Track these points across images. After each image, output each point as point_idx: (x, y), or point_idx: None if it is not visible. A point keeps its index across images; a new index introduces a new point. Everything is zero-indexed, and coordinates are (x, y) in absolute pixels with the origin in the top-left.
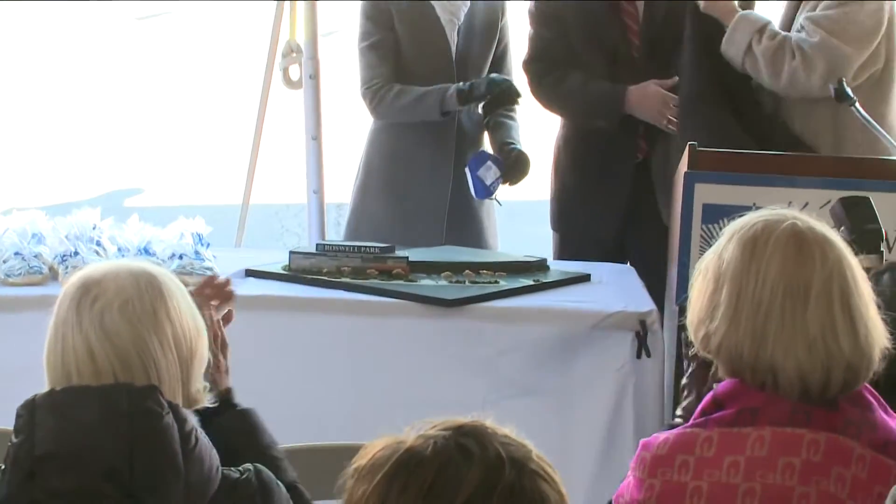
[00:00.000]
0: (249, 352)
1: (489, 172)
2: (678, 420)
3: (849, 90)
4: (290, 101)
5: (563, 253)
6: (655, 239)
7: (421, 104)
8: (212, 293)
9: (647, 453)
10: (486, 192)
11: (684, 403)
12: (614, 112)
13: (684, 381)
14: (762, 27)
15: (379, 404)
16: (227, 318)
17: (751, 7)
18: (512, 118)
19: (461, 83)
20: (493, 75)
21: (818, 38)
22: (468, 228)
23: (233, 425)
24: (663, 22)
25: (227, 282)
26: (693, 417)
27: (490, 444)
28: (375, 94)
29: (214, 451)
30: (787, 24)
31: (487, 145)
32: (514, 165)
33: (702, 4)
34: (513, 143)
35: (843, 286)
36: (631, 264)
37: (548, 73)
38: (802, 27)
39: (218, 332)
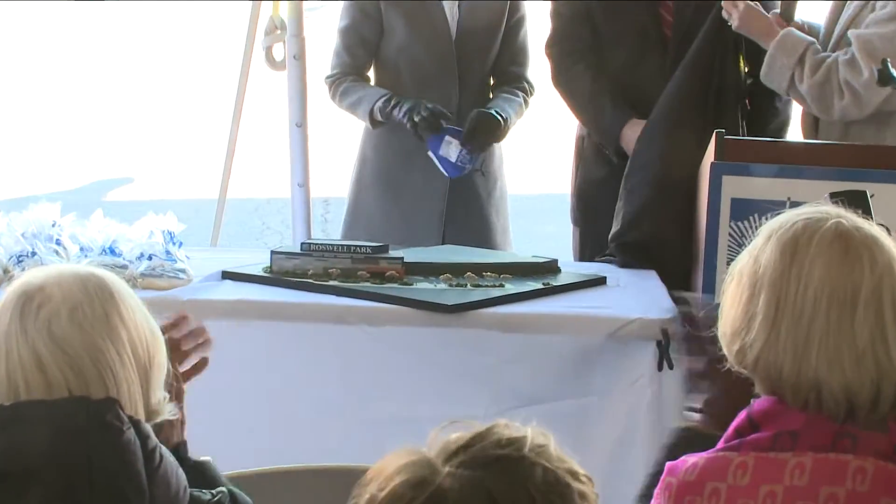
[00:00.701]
0: (225, 366)
1: (450, 147)
2: (691, 415)
3: (893, 71)
4: (273, 84)
5: (584, 250)
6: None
7: (357, 110)
8: (181, 340)
9: (673, 479)
10: (456, 168)
11: (707, 396)
12: (612, 144)
13: (701, 365)
14: (802, 55)
15: (372, 421)
16: (199, 366)
17: (792, 10)
18: (514, 93)
19: (386, 95)
20: (417, 101)
21: (868, 75)
22: (471, 226)
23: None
24: (695, 13)
25: (203, 331)
26: (725, 438)
27: (530, 486)
28: (331, 86)
29: (181, 470)
30: (832, 24)
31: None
32: (472, 130)
33: (734, 24)
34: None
35: (895, 292)
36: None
37: (564, 65)
38: (849, 49)
39: (174, 383)
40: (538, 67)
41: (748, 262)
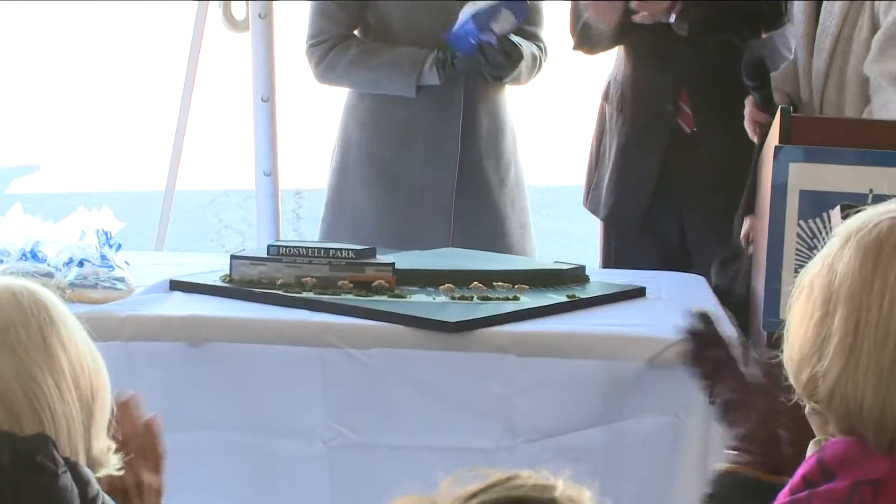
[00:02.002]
0: (175, 399)
1: (501, 17)
2: (733, 455)
3: None
4: (234, 49)
5: (609, 253)
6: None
7: (388, 76)
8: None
9: None
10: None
11: (740, 429)
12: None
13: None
14: None
15: (358, 464)
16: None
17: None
18: (529, 45)
19: (439, 52)
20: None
21: None
22: (480, 221)
23: None
24: None
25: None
26: (790, 488)
27: None
28: (324, 56)
29: None
30: (811, 25)
31: (506, 107)
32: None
33: None
34: None
35: None
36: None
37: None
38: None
39: (152, 445)
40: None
41: (821, 271)
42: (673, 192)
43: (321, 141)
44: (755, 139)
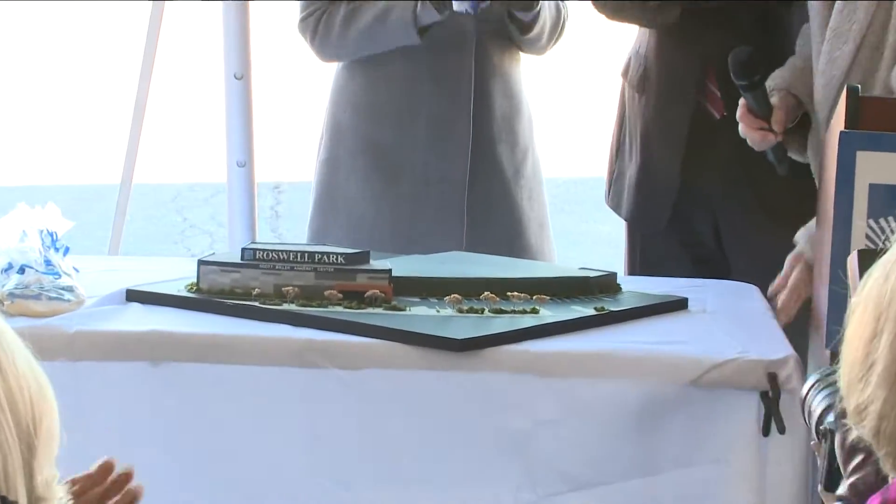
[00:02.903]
0: (133, 426)
1: None
2: None
3: None
4: (202, 18)
5: (635, 257)
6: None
7: (383, 25)
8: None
9: None
10: None
11: (851, 479)
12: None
13: (852, 437)
14: None
15: None
16: None
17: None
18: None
19: None
20: None
21: None
22: (497, 220)
23: None
24: None
25: (128, 476)
26: None
27: None
28: (317, 27)
29: None
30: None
31: (522, 84)
32: None
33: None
34: None
35: None
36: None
37: None
38: None
39: None
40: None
41: (877, 279)
42: (704, 187)
43: (306, 126)
44: (756, 146)
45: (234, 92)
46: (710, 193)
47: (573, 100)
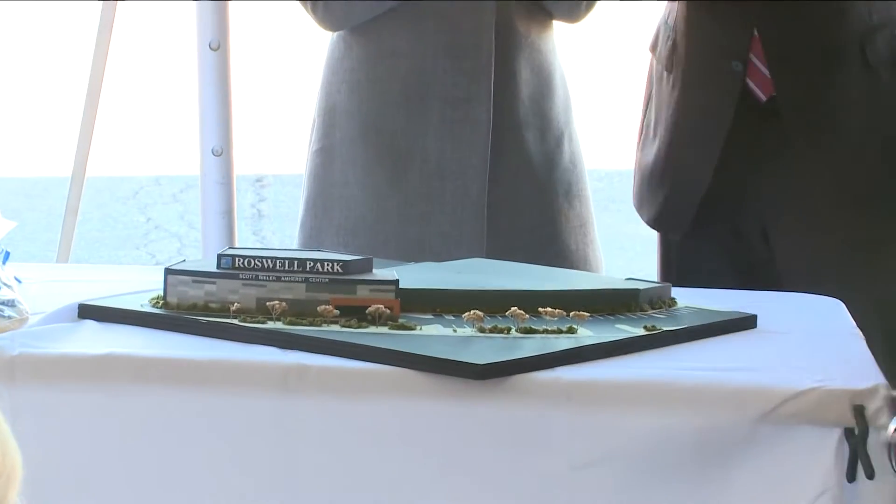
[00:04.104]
0: (87, 466)
1: None
2: None
3: None
4: None
5: (670, 266)
6: None
7: None
8: None
9: None
10: None
11: None
12: None
13: None
14: None
15: None
16: None
17: None
18: None
19: None
20: None
21: None
22: (525, 221)
23: None
24: None
25: None
26: None
27: None
28: None
29: None
30: None
31: (554, 56)
32: None
33: None
34: None
35: None
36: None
37: None
38: None
39: None
40: None
41: None
42: (749, 183)
43: (295, 108)
44: None
45: (209, 65)
46: (756, 192)
47: (617, 76)
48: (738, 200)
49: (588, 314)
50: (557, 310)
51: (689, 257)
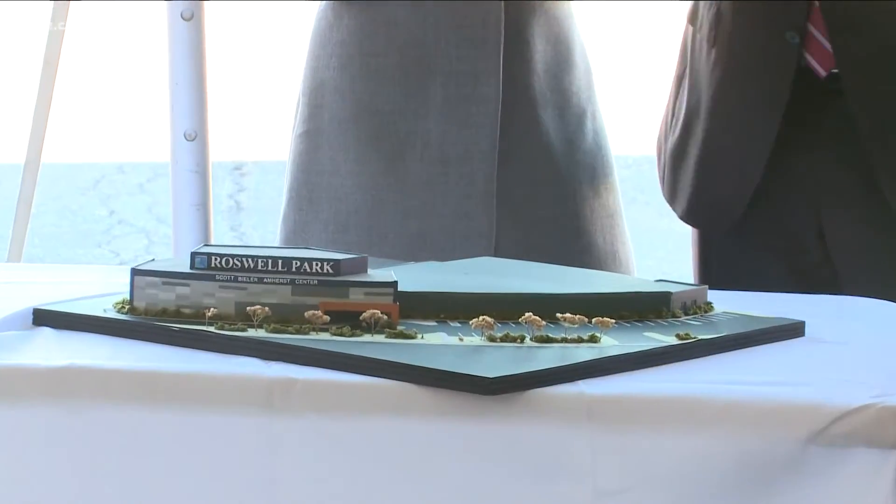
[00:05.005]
0: (43, 492)
1: None
2: None
3: None
4: None
5: (709, 265)
6: None
7: None
8: None
9: None
10: None
11: None
12: None
13: None
14: None
15: None
16: None
17: None
18: None
19: None
20: None
21: None
22: (542, 213)
23: None
24: None
25: None
26: None
27: None
28: None
29: None
30: None
31: (572, 23)
32: None
33: None
34: None
35: None
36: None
37: None
38: None
39: None
40: None
41: None
42: (803, 173)
43: (277, 87)
44: None
45: (181, 37)
46: (812, 182)
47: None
48: (788, 191)
49: (613, 321)
50: (578, 316)
51: (729, 256)
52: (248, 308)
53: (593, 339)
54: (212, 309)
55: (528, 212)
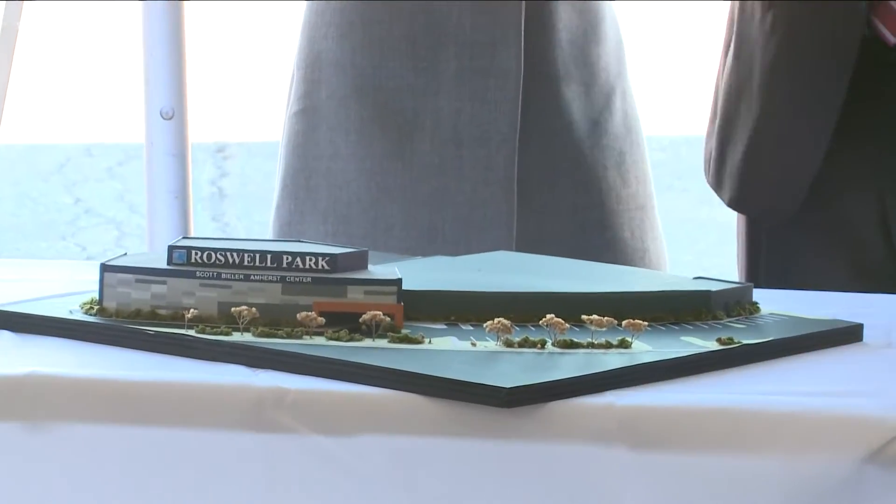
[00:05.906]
0: None
1: None
2: None
3: None
4: None
5: (758, 260)
6: None
7: None
8: None
9: None
10: None
11: None
12: None
13: None
14: None
15: None
16: None
17: None
18: None
19: None
20: None
21: None
22: (565, 202)
23: None
24: None
25: None
26: None
27: None
28: None
29: None
30: None
31: None
32: None
33: None
34: None
35: None
36: None
37: None
38: None
39: None
40: None
41: None
42: (866, 157)
43: (266, 60)
44: None
45: (157, 5)
46: (876, 167)
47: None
48: (847, 177)
49: (646, 323)
50: (606, 318)
51: (779, 251)
52: (232, 309)
53: (623, 345)
54: (192, 310)
55: (544, 201)
